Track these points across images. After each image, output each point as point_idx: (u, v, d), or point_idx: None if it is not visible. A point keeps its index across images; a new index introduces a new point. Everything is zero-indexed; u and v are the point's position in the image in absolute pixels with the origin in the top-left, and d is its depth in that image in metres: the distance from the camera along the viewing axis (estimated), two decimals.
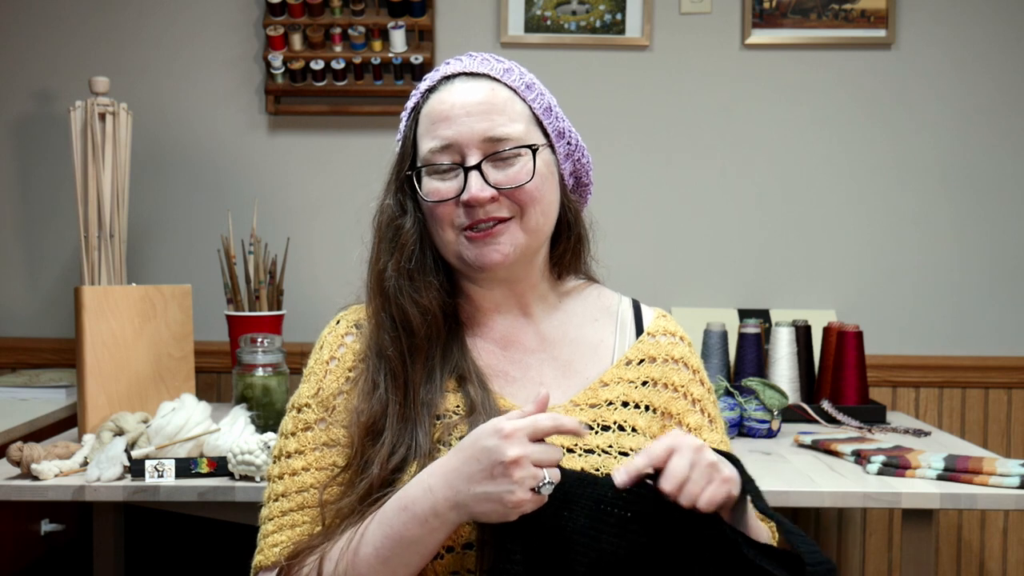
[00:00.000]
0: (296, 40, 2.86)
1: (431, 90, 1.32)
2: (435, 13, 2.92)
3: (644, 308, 1.43)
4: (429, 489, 1.13)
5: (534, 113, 1.32)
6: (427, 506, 1.13)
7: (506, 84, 1.31)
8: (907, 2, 2.90)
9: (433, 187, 1.28)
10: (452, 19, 2.93)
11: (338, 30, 2.85)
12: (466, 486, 1.10)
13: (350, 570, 1.17)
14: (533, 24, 2.91)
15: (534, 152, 1.29)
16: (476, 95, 1.29)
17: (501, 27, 2.91)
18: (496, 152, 1.27)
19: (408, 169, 1.32)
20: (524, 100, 1.32)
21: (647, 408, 1.33)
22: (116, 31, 2.96)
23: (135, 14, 2.96)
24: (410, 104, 1.35)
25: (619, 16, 2.91)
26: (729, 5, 2.92)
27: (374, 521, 1.17)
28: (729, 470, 1.14)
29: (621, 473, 1.12)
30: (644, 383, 1.34)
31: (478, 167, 1.26)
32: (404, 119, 1.35)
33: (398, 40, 2.86)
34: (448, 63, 1.34)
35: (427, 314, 1.28)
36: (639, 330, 1.40)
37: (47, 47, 2.97)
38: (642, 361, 1.36)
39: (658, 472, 1.12)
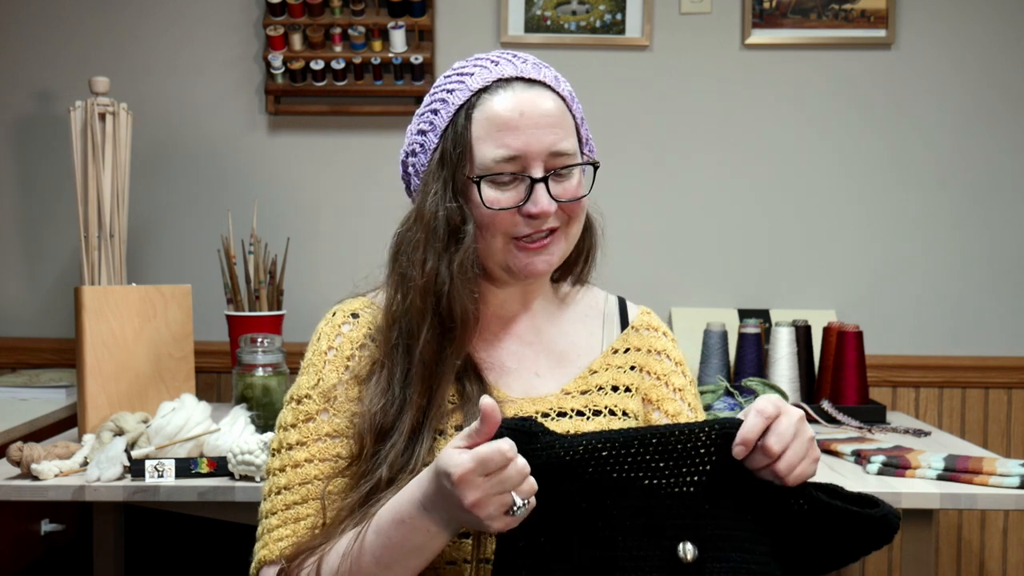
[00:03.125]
0: (296, 40, 2.86)
1: (484, 90, 1.28)
2: (435, 13, 2.92)
3: (629, 304, 1.46)
4: (422, 507, 1.12)
5: (576, 123, 1.33)
6: (425, 521, 1.12)
7: (559, 93, 1.31)
8: (907, 2, 2.90)
9: (493, 196, 1.26)
10: (452, 19, 2.93)
11: (338, 30, 2.85)
12: (450, 513, 1.10)
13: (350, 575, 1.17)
14: (533, 24, 2.91)
15: (595, 169, 1.32)
16: (541, 106, 1.27)
17: (501, 27, 2.91)
18: (560, 165, 1.27)
19: (467, 173, 1.28)
20: (570, 110, 1.32)
21: (636, 392, 1.36)
22: (116, 31, 2.96)
23: (135, 14, 2.96)
24: (456, 100, 1.29)
25: (619, 16, 2.91)
26: (729, 5, 2.92)
27: (370, 531, 1.16)
28: (819, 454, 1.15)
29: (739, 448, 1.11)
30: (632, 368, 1.38)
31: (545, 180, 1.26)
32: (448, 114, 1.29)
33: (398, 40, 2.86)
34: (496, 63, 1.30)
35: (477, 318, 1.28)
36: (624, 324, 1.43)
37: (47, 47, 2.97)
38: (628, 350, 1.40)
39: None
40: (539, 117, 1.27)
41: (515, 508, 1.06)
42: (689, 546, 1.10)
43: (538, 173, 1.26)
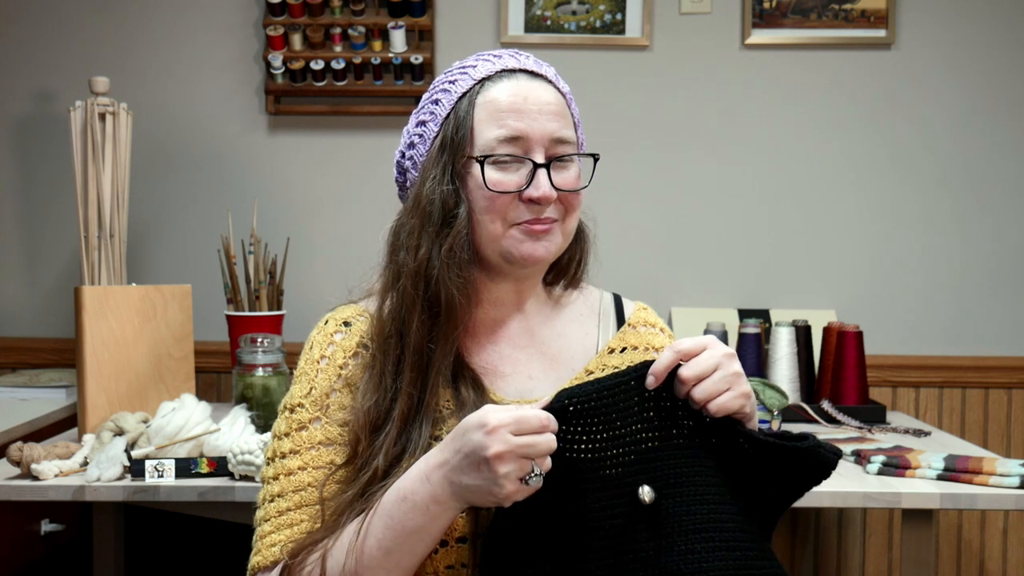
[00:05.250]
0: (296, 40, 2.86)
1: (488, 79, 1.30)
2: (435, 13, 2.92)
3: (625, 301, 1.47)
4: (426, 479, 1.14)
5: (574, 122, 1.35)
6: (426, 495, 1.14)
7: (559, 90, 1.33)
8: (907, 2, 2.90)
9: (495, 178, 1.27)
10: (452, 19, 2.93)
11: (338, 30, 2.85)
12: (458, 477, 1.12)
13: (355, 565, 1.17)
14: (533, 24, 2.91)
15: (595, 161, 1.33)
16: (547, 95, 1.30)
17: (501, 27, 2.91)
18: (561, 153, 1.29)
19: (467, 155, 1.28)
20: (569, 108, 1.34)
21: None
22: (116, 31, 2.96)
23: (135, 14, 2.96)
24: (459, 89, 1.30)
25: (619, 16, 2.91)
26: (729, 5, 2.92)
27: (375, 515, 1.17)
28: (749, 390, 1.18)
29: (650, 378, 1.16)
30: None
31: (547, 165, 1.27)
32: (450, 102, 1.30)
33: (398, 40, 2.86)
34: (500, 57, 1.32)
35: (468, 303, 1.28)
36: (620, 322, 1.43)
37: (47, 47, 2.97)
38: (624, 349, 1.39)
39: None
40: (544, 105, 1.29)
41: (532, 475, 1.09)
42: (647, 488, 1.14)
43: (540, 158, 1.27)
